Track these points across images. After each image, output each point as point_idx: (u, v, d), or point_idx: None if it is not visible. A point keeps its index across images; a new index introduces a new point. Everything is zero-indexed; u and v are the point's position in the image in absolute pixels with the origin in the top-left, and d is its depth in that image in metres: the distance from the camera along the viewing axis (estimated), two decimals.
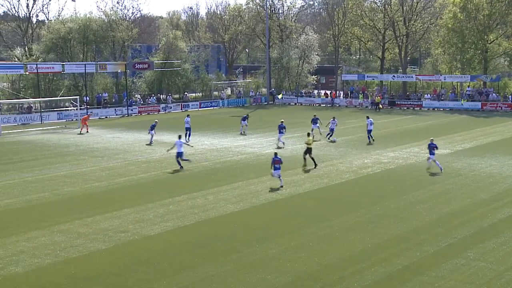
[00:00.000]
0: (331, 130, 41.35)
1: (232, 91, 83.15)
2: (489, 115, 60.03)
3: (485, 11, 68.41)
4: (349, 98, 74.31)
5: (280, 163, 26.31)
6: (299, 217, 21.90)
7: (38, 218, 21.87)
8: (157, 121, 42.51)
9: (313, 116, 43.92)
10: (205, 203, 23.86)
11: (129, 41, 72.70)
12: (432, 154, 29.91)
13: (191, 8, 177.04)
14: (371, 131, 40.48)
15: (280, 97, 75.15)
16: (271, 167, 26.51)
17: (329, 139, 40.96)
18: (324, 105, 72.93)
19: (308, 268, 16.55)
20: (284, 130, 39.12)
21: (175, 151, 30.83)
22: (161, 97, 71.84)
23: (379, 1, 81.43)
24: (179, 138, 31.49)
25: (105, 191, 26.28)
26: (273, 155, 26.79)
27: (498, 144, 39.87)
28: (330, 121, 42.10)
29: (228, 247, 18.35)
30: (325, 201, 24.45)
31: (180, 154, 30.55)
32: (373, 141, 39.98)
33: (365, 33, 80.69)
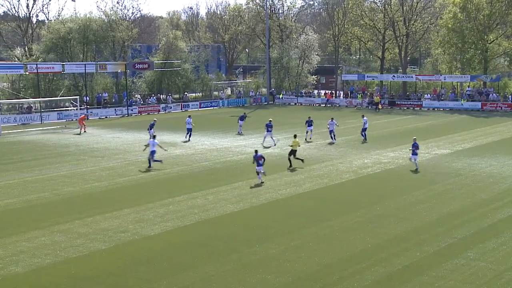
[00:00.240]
0: (331, 132, 40.47)
1: (232, 91, 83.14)
2: (489, 115, 60.02)
3: (485, 11, 68.40)
4: (349, 98, 74.36)
5: (263, 159, 27.29)
6: (299, 217, 21.90)
7: (38, 218, 21.87)
8: (155, 120, 42.68)
9: (307, 117, 42.69)
10: (205, 203, 23.87)
11: (129, 41, 72.69)
12: (414, 154, 30.18)
13: (191, 8, 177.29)
14: (365, 129, 40.60)
15: (280, 96, 75.18)
16: (253, 162, 27.60)
17: (334, 141, 40.14)
18: (323, 105, 72.90)
19: (308, 268, 16.56)
20: (271, 129, 39.29)
21: (149, 150, 31.34)
22: (161, 97, 71.84)
23: (379, 1, 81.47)
24: (154, 138, 31.86)
25: (105, 191, 26.29)
26: (254, 152, 27.81)
27: (498, 144, 39.87)
28: (328, 122, 41.20)
29: (228, 247, 18.35)
30: (325, 201, 24.45)
31: (152, 153, 31.17)
32: (364, 141, 40.06)
33: (365, 33, 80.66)
